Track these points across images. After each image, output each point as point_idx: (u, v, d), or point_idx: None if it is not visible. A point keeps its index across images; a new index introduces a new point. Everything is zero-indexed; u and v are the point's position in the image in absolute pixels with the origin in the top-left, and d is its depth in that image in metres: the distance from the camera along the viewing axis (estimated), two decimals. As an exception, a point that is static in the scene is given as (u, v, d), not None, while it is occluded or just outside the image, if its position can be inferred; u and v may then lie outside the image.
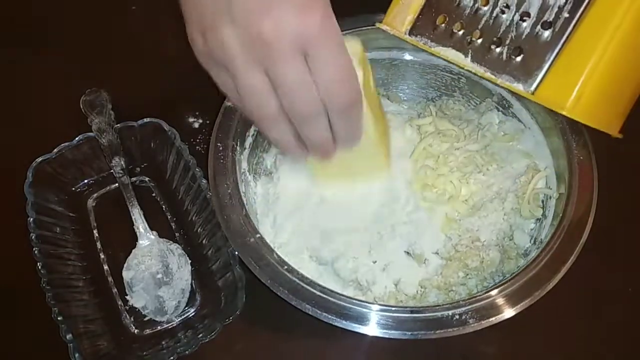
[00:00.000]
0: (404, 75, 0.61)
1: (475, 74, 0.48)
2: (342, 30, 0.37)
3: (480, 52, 0.47)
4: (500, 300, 0.44)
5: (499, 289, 0.44)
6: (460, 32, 0.47)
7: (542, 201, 0.53)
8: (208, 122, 0.63)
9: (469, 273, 0.51)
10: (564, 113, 0.42)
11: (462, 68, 0.49)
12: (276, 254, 0.47)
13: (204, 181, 0.53)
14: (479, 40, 0.47)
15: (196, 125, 0.63)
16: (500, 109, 0.57)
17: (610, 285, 0.55)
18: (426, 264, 0.52)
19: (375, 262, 0.52)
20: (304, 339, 0.52)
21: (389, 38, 0.53)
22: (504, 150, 0.56)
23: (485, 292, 0.44)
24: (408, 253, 0.52)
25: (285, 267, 0.46)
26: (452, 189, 0.54)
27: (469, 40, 0.48)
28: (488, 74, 0.46)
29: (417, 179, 0.55)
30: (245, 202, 0.50)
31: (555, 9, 0.43)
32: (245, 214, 0.49)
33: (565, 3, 0.42)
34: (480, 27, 0.48)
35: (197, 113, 0.64)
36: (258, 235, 0.47)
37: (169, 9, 0.72)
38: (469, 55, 0.47)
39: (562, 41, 0.42)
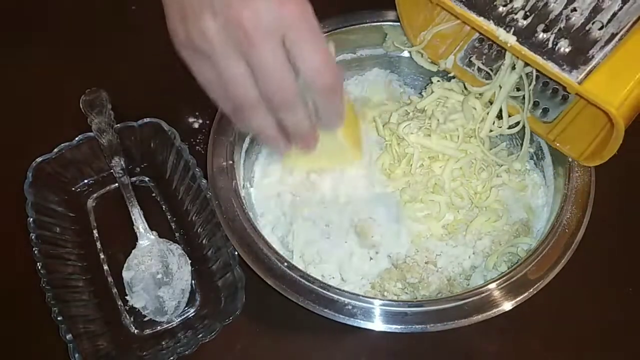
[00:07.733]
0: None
1: (516, 53, 0.44)
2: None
3: (524, 34, 0.43)
4: (497, 294, 0.44)
5: (497, 282, 0.44)
6: (503, 8, 0.44)
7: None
8: (208, 122, 0.63)
9: (406, 287, 0.51)
10: (612, 111, 0.41)
11: (504, 46, 0.44)
12: (274, 249, 0.47)
13: (204, 181, 0.53)
14: (524, 22, 0.44)
15: (196, 125, 0.63)
16: (534, 158, 0.55)
17: (611, 285, 0.55)
18: (375, 260, 0.52)
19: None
20: (304, 339, 0.52)
21: None
22: (511, 198, 0.54)
23: (484, 286, 0.45)
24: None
25: (286, 264, 0.46)
26: (437, 212, 0.53)
27: (512, 18, 0.44)
28: (533, 56, 0.43)
29: (406, 191, 0.53)
30: (244, 197, 0.50)
31: (610, 13, 0.42)
32: (244, 209, 0.49)
33: (619, 9, 0.42)
34: (527, 8, 0.44)
35: (197, 113, 0.64)
36: (257, 231, 0.48)
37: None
38: (511, 33, 0.44)
39: (613, 42, 0.42)
